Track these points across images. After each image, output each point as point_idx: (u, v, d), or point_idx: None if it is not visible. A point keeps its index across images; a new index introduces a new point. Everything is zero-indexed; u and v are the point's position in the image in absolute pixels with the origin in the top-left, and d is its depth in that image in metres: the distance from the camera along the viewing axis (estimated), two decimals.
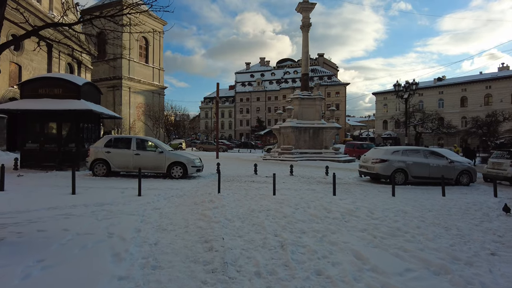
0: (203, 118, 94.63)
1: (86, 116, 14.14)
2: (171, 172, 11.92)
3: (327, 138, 26.58)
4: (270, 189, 9.68)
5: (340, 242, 4.44)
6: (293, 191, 9.91)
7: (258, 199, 8.04)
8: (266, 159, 25.76)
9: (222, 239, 4.50)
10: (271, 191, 9.05)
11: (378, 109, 76.17)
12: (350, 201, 7.99)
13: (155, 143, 12.36)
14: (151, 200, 7.63)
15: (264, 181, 12.26)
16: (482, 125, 40.90)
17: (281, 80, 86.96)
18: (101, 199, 7.62)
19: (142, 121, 57.89)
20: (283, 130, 26.08)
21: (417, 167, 12.79)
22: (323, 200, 7.99)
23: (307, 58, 28.22)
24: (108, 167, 11.84)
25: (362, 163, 13.94)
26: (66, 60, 35.40)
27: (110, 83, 56.54)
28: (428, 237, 4.86)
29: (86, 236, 4.59)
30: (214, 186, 10.42)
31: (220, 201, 7.46)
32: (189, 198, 8.24)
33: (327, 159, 24.43)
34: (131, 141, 12.04)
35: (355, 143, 34.19)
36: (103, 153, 11.82)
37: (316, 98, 27.40)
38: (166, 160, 11.91)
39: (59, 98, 13.50)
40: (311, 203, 7.50)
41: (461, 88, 62.64)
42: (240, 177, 13.22)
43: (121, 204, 7.07)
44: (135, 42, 58.48)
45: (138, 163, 11.78)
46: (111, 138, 12.27)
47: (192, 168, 12.11)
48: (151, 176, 12.48)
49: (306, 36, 28.02)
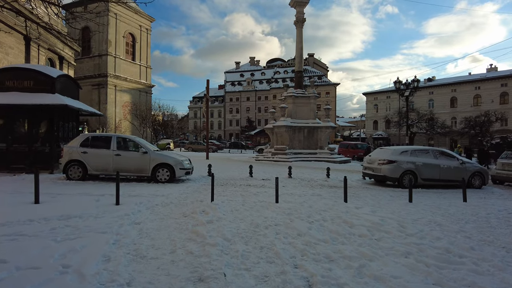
0: (192, 118, 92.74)
1: (62, 112, 12.60)
2: (157, 175, 10.51)
3: (322, 138, 25.48)
4: (271, 195, 8.43)
5: (387, 277, 3.21)
6: (297, 197, 8.67)
7: (260, 208, 6.76)
8: (258, 159, 24.48)
9: (223, 275, 3.20)
10: (273, 198, 7.80)
11: (369, 110, 75.89)
12: (368, 210, 6.78)
13: (139, 142, 10.94)
14: (131, 211, 6.27)
15: (262, 184, 10.98)
16: (474, 125, 40.61)
17: (271, 80, 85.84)
18: (69, 209, 6.21)
19: (128, 121, 55.84)
20: (277, 129, 24.84)
21: (427, 169, 11.72)
22: (337, 209, 6.76)
23: (301, 55, 27.06)
24: (84, 169, 10.35)
25: (367, 164, 12.80)
26: (46, 55, 33.28)
27: (95, 81, 54.32)
28: (495, 265, 3.68)
29: (28, 272, 3.21)
30: (206, 192, 9.09)
31: (214, 211, 6.15)
32: (177, 207, 6.91)
33: (323, 160, 23.33)
34: (111, 140, 10.58)
35: (349, 143, 33.25)
36: (78, 154, 10.33)
37: (311, 96, 26.27)
38: (151, 162, 10.51)
39: (30, 91, 11.93)
40: (324, 213, 6.26)
41: (451, 89, 62.76)
42: (234, 180, 11.92)
43: (93, 217, 5.68)
44: (121, 39, 56.47)
45: (119, 165, 10.35)
46: (88, 136, 10.78)
47: (181, 170, 10.73)
48: (134, 180, 11.05)
49: (300, 31, 26.85)
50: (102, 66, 54.01)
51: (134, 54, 59.42)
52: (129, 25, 58.10)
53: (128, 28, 57.83)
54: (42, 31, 30.00)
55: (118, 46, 55.42)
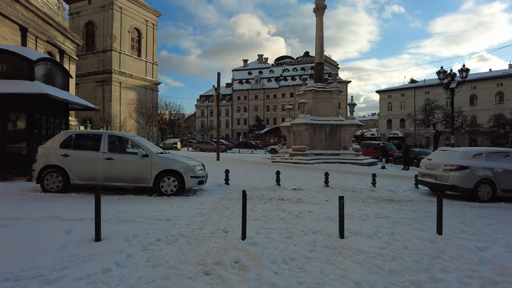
0: (199, 117, 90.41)
1: (44, 104, 10.16)
2: (161, 185, 7.97)
3: (346, 137, 22.76)
4: (320, 217, 5.95)
5: None
6: (358, 220, 6.05)
7: (324, 252, 4.17)
8: (275, 161, 21.89)
9: None
10: (325, 222, 5.32)
11: (382, 108, 72.87)
12: (501, 249, 4.16)
13: (137, 142, 8.37)
14: (115, 258, 3.75)
15: (297, 198, 8.38)
16: (505, 124, 37.58)
17: (280, 78, 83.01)
18: (11, 255, 3.71)
19: (134, 119, 53.58)
20: (295, 127, 22.18)
21: (509, 177, 9.04)
22: (447, 251, 4.14)
23: (321, 44, 24.35)
24: (65, 178, 7.85)
25: (426, 170, 10.10)
26: (45, 47, 31.02)
27: (99, 77, 52.15)
28: None
29: None
30: (228, 211, 6.53)
31: (256, 263, 3.58)
32: (191, 245, 4.37)
33: (348, 162, 20.67)
34: (101, 139, 8.05)
35: (371, 143, 30.44)
36: (57, 157, 7.84)
37: (333, 90, 23.58)
38: (153, 168, 7.97)
39: (2, 77, 9.50)
40: (448, 264, 3.66)
41: (470, 86, 59.47)
42: (260, 191, 9.34)
43: (38, 283, 3.15)
44: (126, 34, 54.24)
45: (110, 172, 7.85)
46: (71, 134, 8.21)
47: (192, 179, 8.15)
48: (131, 191, 8.52)
49: (320, 19, 24.17)
50: (106, 62, 51.80)
51: (139, 50, 57.13)
52: (135, 20, 55.82)
53: (133, 23, 55.57)
54: (41, 22, 27.89)
55: (123, 41, 53.17)
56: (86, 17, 54.21)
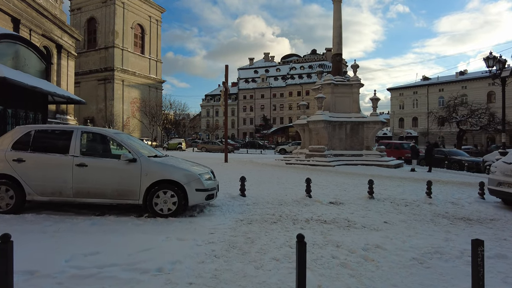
0: (204, 117, 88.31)
1: (10, 93, 7.93)
2: (154, 202, 5.65)
3: (369, 136, 20.28)
4: (402, 261, 3.59)
5: None
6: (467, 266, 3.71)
7: None
8: (290, 163, 19.53)
9: None
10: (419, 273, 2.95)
11: (393, 106, 70.13)
12: None
13: (121, 141, 6.02)
14: None
15: (344, 219, 6.02)
16: None
17: (287, 76, 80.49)
18: None
19: (137, 118, 51.54)
20: (312, 125, 19.79)
21: None
22: None
23: (340, 34, 21.94)
24: (20, 192, 5.59)
25: (505, 177, 7.68)
26: (40, 41, 29.06)
27: (101, 75, 50.21)
28: None
29: None
30: (255, 249, 4.18)
31: None
32: None
33: (372, 163, 18.24)
34: (72, 138, 5.77)
35: (392, 142, 27.92)
36: (7, 163, 5.57)
37: (354, 84, 21.12)
38: (144, 177, 5.65)
39: None
40: None
41: (488, 82, 56.41)
42: (288, 206, 7.01)
43: None
44: (129, 30, 52.22)
45: (84, 183, 5.57)
46: (30, 131, 5.96)
47: (198, 194, 5.80)
48: (115, 208, 6.25)
49: (338, 6, 21.79)
50: (108, 59, 49.83)
51: (143, 47, 55.12)
52: (138, 16, 53.80)
53: (136, 19, 53.56)
54: (35, 13, 25.76)
55: (126, 38, 51.19)
56: (88, 13, 52.33)
